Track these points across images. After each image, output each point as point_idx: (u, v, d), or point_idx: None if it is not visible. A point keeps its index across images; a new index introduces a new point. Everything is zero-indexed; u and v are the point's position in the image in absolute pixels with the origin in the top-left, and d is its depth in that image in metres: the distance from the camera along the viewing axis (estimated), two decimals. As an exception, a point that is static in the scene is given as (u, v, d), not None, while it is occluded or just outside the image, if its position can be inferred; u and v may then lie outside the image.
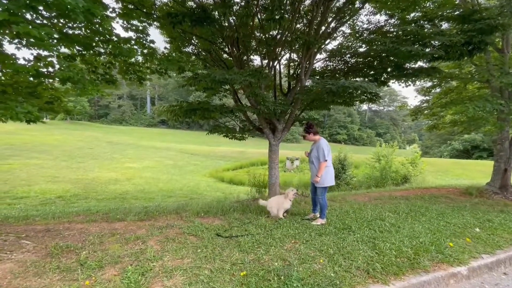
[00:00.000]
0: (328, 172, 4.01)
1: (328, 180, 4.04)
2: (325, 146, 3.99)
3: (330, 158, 4.03)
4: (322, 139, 4.13)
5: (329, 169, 4.05)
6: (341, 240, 3.34)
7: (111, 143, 33.54)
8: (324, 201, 4.09)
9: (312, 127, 4.13)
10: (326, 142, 4.11)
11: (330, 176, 4.07)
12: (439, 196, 6.73)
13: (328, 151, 3.99)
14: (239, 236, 3.40)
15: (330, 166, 4.08)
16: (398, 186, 13.24)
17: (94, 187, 15.12)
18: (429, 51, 4.44)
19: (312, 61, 5.48)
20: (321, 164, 3.95)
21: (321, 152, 3.97)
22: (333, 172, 4.11)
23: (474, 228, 4.00)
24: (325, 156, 3.92)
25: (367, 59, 6.14)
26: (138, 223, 4.23)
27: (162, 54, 4.02)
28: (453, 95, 7.55)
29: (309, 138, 4.18)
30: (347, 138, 70.25)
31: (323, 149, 3.95)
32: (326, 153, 3.95)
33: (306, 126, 4.17)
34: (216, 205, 5.37)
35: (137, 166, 22.81)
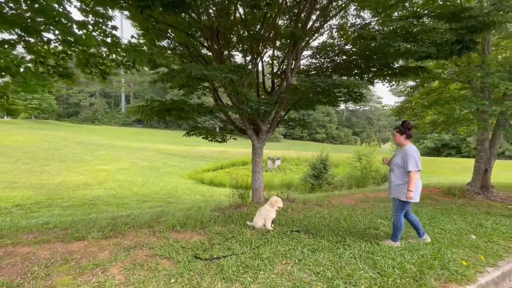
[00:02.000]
0: (418, 186, 3.26)
1: (417, 194, 3.25)
2: (415, 154, 3.20)
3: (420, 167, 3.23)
4: (410, 145, 3.32)
5: (417, 185, 3.26)
6: (337, 257, 2.96)
7: (81, 143, 31.37)
8: (400, 221, 3.31)
9: (409, 128, 3.33)
10: (416, 149, 3.29)
11: (417, 192, 3.27)
12: (423, 197, 6.65)
13: (418, 158, 3.19)
14: (221, 257, 2.91)
15: (419, 181, 3.30)
16: (379, 186, 13.40)
17: (60, 193, 13.83)
18: (421, 48, 4.22)
19: (299, 57, 5.10)
20: (411, 174, 3.14)
21: (412, 161, 3.15)
22: (419, 188, 3.30)
23: (469, 235, 3.82)
24: (418, 166, 3.15)
25: (354, 57, 5.88)
26: (102, 242, 3.59)
27: (128, 44, 3.42)
28: (434, 96, 7.59)
29: (398, 140, 3.37)
30: (325, 137, 71.77)
31: (413, 157, 3.16)
32: (419, 162, 3.16)
33: (402, 124, 3.35)
34: (195, 214, 4.83)
35: (110, 168, 21.40)
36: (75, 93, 61.46)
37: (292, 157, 29.21)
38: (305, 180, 15.89)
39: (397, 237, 3.37)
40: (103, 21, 2.99)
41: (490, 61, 6.28)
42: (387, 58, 5.07)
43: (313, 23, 4.70)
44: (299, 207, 5.44)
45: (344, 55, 6.00)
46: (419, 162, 3.20)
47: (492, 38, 6.39)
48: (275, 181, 19.15)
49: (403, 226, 3.37)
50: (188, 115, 4.42)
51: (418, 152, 3.28)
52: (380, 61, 5.33)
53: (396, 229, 3.35)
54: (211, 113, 4.53)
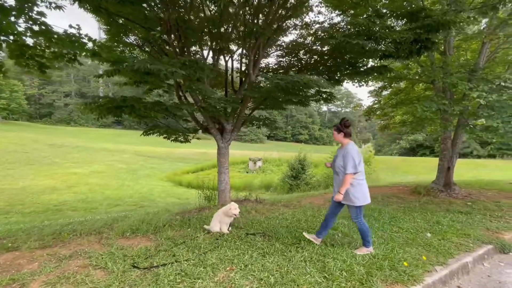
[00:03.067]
0: (360, 189, 3.03)
1: (361, 197, 3.04)
2: (355, 154, 2.99)
3: (362, 170, 3.05)
4: (351, 143, 3.11)
5: (362, 185, 3.07)
6: (287, 261, 2.82)
7: (53, 145, 29.74)
8: (363, 225, 3.10)
9: (346, 126, 3.11)
10: (357, 149, 3.08)
11: (363, 193, 3.06)
12: (391, 196, 6.73)
13: (359, 160, 2.99)
14: (160, 266, 2.68)
15: (363, 180, 3.09)
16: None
17: (22, 198, 12.92)
18: (380, 47, 4.21)
19: (261, 53, 4.96)
20: (346, 176, 2.95)
21: (349, 161, 2.94)
22: (367, 188, 3.11)
23: (425, 233, 3.82)
24: (356, 167, 2.95)
25: (321, 56, 5.84)
26: (37, 252, 3.25)
27: (64, 33, 3.12)
28: (402, 96, 7.75)
29: (337, 138, 3.19)
30: (308, 138, 72.72)
31: (353, 158, 2.95)
32: (357, 163, 2.96)
33: (340, 122, 3.18)
34: (152, 219, 4.55)
35: (83, 171, 20.37)
36: (48, 93, 58.47)
37: (274, 158, 29.22)
38: (284, 180, 15.87)
39: (369, 242, 3.13)
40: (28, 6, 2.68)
41: (452, 63, 6.46)
42: (352, 58, 5.05)
43: (272, 18, 4.57)
44: (265, 209, 5.29)
45: (312, 54, 5.95)
46: (360, 164, 3.01)
47: (453, 40, 6.59)
48: (255, 182, 19.01)
49: (368, 229, 3.16)
50: (142, 113, 4.15)
51: (359, 153, 3.08)
52: (345, 60, 5.31)
53: (364, 234, 3.12)
54: (167, 111, 4.28)
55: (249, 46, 4.67)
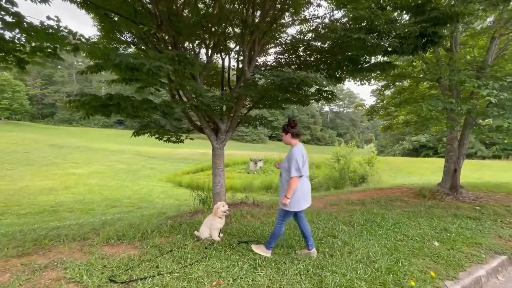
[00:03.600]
0: (296, 194, 2.85)
1: (295, 202, 2.87)
2: (299, 156, 2.83)
3: (305, 173, 2.90)
4: (298, 145, 2.96)
5: (302, 190, 2.89)
6: (280, 274, 2.56)
7: (54, 146, 29.73)
8: (281, 230, 2.97)
9: (292, 126, 2.99)
10: (302, 151, 2.92)
11: (300, 198, 2.88)
12: (394, 199, 6.44)
13: (303, 162, 2.84)
14: (140, 279, 2.43)
15: (306, 185, 2.95)
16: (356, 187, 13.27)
17: (19, 199, 12.74)
18: (383, 42, 3.93)
19: (257, 49, 4.70)
20: (291, 180, 2.78)
21: (293, 164, 2.78)
22: (307, 192, 2.96)
23: (432, 241, 3.54)
24: (299, 170, 2.77)
25: (321, 53, 5.57)
26: (12, 261, 3.02)
27: (40, 25, 2.88)
28: (405, 95, 7.45)
29: (285, 139, 3.06)
30: (310, 138, 72.36)
31: (297, 161, 2.78)
32: (301, 166, 2.79)
33: (286, 123, 3.07)
34: (141, 224, 4.32)
35: (83, 172, 20.24)
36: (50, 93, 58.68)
37: (275, 158, 28.96)
38: (284, 182, 15.58)
39: (271, 245, 3.00)
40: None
41: (459, 60, 6.17)
42: (353, 54, 4.77)
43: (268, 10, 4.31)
44: (261, 213, 5.04)
45: (312, 51, 5.68)
46: (305, 166, 2.88)
47: (460, 36, 6.29)
48: (256, 183, 18.74)
49: (280, 236, 3.03)
50: (130, 111, 3.91)
51: (304, 154, 2.93)
52: (346, 57, 5.03)
53: (273, 236, 3.01)
54: (156, 109, 4.04)
55: (243, 41, 4.41)
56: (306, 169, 2.92)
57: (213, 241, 3.42)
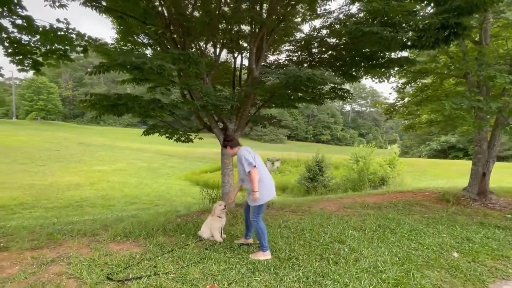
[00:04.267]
0: (261, 186, 2.95)
1: (265, 194, 2.99)
2: (245, 153, 3.02)
3: (260, 165, 3.06)
4: (241, 149, 3.15)
5: (263, 182, 3.02)
6: (278, 280, 2.44)
7: (82, 144, 31.45)
8: (260, 226, 3.00)
9: (228, 140, 3.30)
10: (247, 148, 3.13)
11: (265, 190, 3.00)
12: (414, 204, 6.03)
13: (252, 157, 2.99)
14: (135, 278, 2.43)
15: (265, 177, 3.07)
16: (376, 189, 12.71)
17: (48, 193, 13.58)
18: (398, 34, 3.66)
19: (265, 47, 4.59)
20: (251, 175, 2.91)
21: (245, 162, 2.95)
22: (270, 184, 3.09)
23: (451, 251, 3.24)
24: (251, 163, 2.93)
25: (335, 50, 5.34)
26: (24, 254, 3.17)
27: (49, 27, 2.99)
28: (428, 92, 6.94)
29: (231, 152, 3.30)
30: (330, 138, 70.75)
31: (244, 157, 2.97)
32: (251, 159, 2.95)
33: (223, 139, 3.44)
34: (149, 222, 4.39)
35: (107, 169, 21.22)
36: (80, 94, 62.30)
37: (292, 158, 28.62)
38: (300, 182, 15.32)
39: (264, 245, 2.98)
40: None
41: (490, 53, 5.63)
42: (367, 49, 4.52)
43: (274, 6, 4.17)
44: (269, 215, 4.92)
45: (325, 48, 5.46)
46: (257, 160, 3.05)
47: (490, 27, 5.74)
48: (271, 183, 18.51)
49: (265, 230, 3.05)
50: (137, 111, 3.97)
51: (249, 150, 3.11)
52: (361, 53, 4.78)
53: (260, 236, 3.01)
54: (163, 108, 4.07)
55: (250, 38, 4.32)
56: (261, 163, 3.13)
57: (214, 241, 3.38)
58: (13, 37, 3.25)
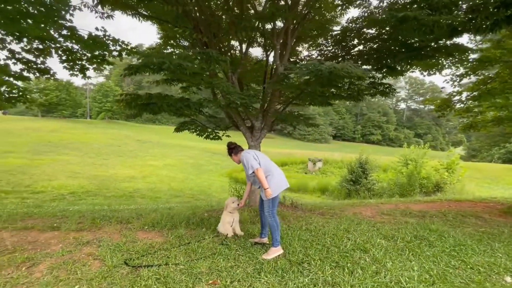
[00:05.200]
0: (270, 180, 3.04)
1: (275, 187, 3.05)
2: (246, 155, 3.15)
3: (264, 160, 3.16)
4: (242, 153, 3.28)
5: (272, 175, 3.11)
6: (282, 284, 2.34)
7: (139, 141, 34.98)
8: (275, 219, 3.06)
9: (231, 147, 3.35)
10: (247, 151, 3.28)
11: (275, 183, 3.06)
12: (468, 215, 5.19)
13: (254, 157, 3.11)
14: (147, 266, 2.58)
15: (272, 172, 3.13)
16: (429, 196, 11.34)
17: (108, 184, 15.41)
18: (442, 17, 3.15)
19: (290, 42, 4.43)
20: (257, 173, 3.00)
21: (249, 162, 3.06)
22: (279, 179, 3.13)
23: (503, 275, 2.68)
24: (253, 164, 3.03)
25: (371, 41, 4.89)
26: (70, 235, 3.64)
27: (88, 35, 3.38)
28: (494, 85, 5.84)
29: (235, 159, 3.41)
30: (381, 138, 65.57)
31: (246, 159, 3.10)
32: (252, 160, 3.06)
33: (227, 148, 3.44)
34: (177, 214, 4.64)
35: (158, 164, 23.20)
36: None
37: (336, 159, 27.36)
38: (341, 184, 14.54)
39: (277, 240, 3.03)
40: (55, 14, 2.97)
41: None
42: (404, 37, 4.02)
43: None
44: (294, 215, 4.76)
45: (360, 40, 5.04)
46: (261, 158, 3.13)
47: None
48: (311, 184, 18.08)
49: (278, 226, 3.08)
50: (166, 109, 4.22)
51: (249, 151, 3.22)
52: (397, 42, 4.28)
53: (273, 230, 3.06)
54: (189, 107, 4.24)
55: (272, 33, 4.21)
56: (265, 158, 3.21)
57: (226, 236, 3.41)
58: (65, 46, 3.76)
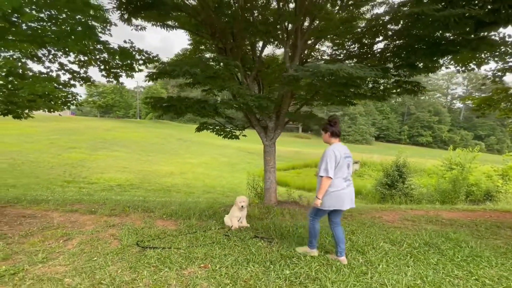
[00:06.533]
0: (331, 192, 2.72)
1: (328, 201, 2.74)
2: (330, 155, 2.70)
3: (342, 173, 2.73)
4: (333, 145, 2.80)
5: (337, 190, 2.73)
6: (265, 274, 2.50)
7: (180, 140, 37.41)
8: (314, 226, 2.91)
9: (332, 124, 2.84)
10: (338, 150, 2.74)
11: (335, 198, 2.73)
12: (506, 227, 4.64)
13: (336, 162, 2.68)
14: (154, 248, 2.97)
15: (340, 187, 2.73)
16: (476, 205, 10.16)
17: (150, 178, 16.93)
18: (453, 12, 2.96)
19: (300, 43, 4.49)
20: (322, 180, 2.69)
21: (322, 163, 2.72)
22: (345, 195, 2.75)
23: (512, 290, 2.44)
24: (331, 172, 2.65)
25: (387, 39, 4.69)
26: (102, 218, 4.27)
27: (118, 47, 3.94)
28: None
29: (325, 138, 2.92)
30: (431, 140, 59.71)
31: (326, 161, 2.68)
32: (330, 166, 2.66)
33: (327, 121, 2.96)
34: (194, 207, 5.06)
35: (195, 161, 24.64)
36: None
37: (374, 161, 25.89)
38: (376, 188, 13.80)
39: (312, 243, 2.98)
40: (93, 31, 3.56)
41: None
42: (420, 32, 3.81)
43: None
44: (304, 214, 4.81)
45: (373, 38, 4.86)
46: (340, 167, 2.72)
47: None
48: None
49: (318, 232, 2.97)
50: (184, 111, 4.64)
51: (339, 154, 2.73)
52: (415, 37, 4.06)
53: (311, 235, 2.99)
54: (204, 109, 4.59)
55: (281, 35, 4.32)
56: (343, 170, 2.75)
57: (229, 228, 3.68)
58: (102, 57, 4.43)
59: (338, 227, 2.91)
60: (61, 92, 4.76)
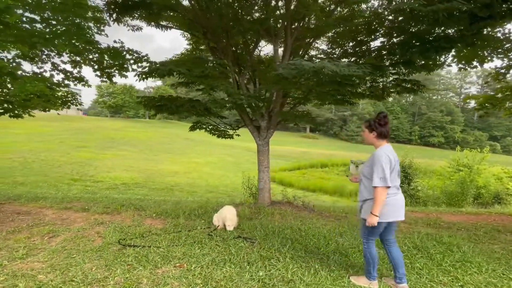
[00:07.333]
0: (388, 204, 2.22)
1: (385, 213, 2.22)
2: (385, 160, 2.17)
3: (396, 182, 2.27)
4: (385, 146, 2.29)
5: (392, 200, 2.24)
6: (239, 275, 2.46)
7: (187, 139, 37.74)
8: (370, 251, 2.36)
9: (382, 124, 2.30)
10: (391, 153, 2.25)
11: (391, 207, 2.24)
12: (507, 232, 4.44)
13: (391, 168, 2.19)
14: (134, 246, 2.98)
15: (395, 195, 2.28)
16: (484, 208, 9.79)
17: (155, 177, 17.13)
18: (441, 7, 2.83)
19: (289, 42, 4.42)
20: (376, 191, 2.17)
21: (377, 171, 2.16)
22: (401, 201, 2.31)
23: (498, 298, 2.31)
24: (386, 179, 2.14)
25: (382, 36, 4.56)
26: (94, 216, 4.32)
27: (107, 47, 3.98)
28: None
29: (368, 138, 2.39)
30: (444, 141, 58.12)
31: (382, 168, 2.15)
32: (387, 173, 2.15)
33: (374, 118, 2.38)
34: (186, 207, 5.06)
35: (200, 161, 24.80)
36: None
37: (382, 162, 25.34)
38: (381, 190, 13.50)
39: (371, 273, 2.37)
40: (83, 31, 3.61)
41: None
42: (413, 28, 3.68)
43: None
44: (294, 215, 4.74)
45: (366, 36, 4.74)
46: (394, 174, 2.20)
47: None
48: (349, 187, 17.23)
49: (376, 258, 2.36)
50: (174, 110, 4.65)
51: (393, 158, 2.23)
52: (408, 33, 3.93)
53: (367, 262, 2.37)
54: (194, 108, 4.58)
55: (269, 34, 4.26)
56: (396, 177, 2.28)
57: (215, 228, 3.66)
58: (95, 57, 4.50)
59: (394, 247, 2.40)
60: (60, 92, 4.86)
